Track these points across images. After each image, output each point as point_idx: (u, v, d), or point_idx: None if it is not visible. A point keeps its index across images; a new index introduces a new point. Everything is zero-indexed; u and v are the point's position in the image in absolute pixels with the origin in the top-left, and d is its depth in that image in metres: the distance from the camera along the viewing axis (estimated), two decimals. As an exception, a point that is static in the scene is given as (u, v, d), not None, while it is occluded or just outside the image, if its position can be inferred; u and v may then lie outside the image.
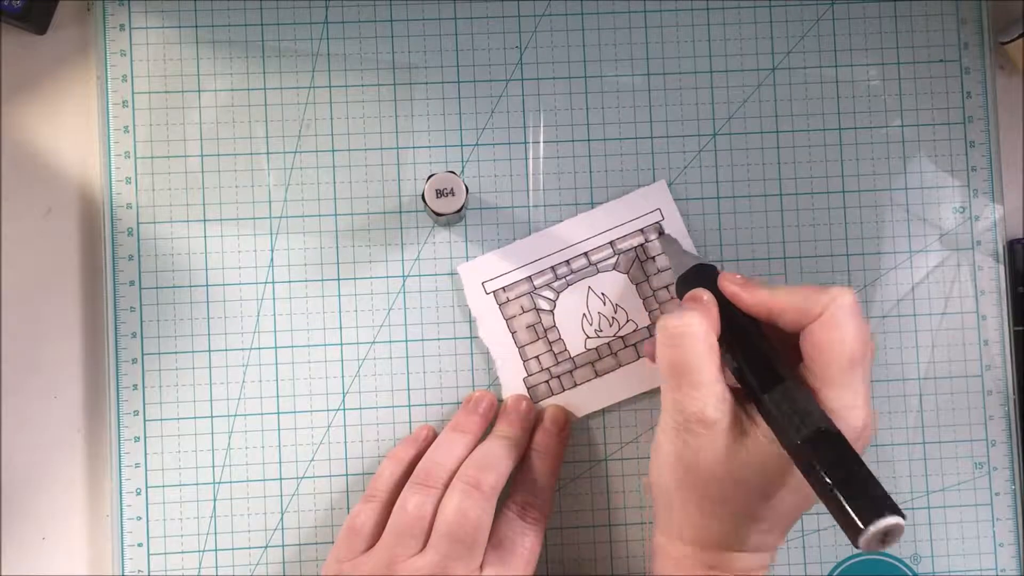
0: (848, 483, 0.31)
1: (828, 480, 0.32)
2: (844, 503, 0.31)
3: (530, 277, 0.46)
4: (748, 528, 0.37)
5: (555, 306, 0.46)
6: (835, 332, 0.36)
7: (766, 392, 0.35)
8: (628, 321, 0.46)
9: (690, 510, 0.37)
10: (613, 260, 0.46)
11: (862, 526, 0.30)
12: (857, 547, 0.30)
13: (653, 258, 0.46)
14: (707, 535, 0.37)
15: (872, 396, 0.46)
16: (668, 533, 0.39)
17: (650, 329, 0.46)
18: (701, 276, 0.41)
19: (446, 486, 0.41)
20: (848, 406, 0.36)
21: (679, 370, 0.37)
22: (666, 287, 0.46)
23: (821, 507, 0.46)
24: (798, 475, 0.34)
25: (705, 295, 0.39)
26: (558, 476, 0.45)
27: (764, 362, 0.37)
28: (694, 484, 0.37)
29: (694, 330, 0.37)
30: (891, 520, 0.30)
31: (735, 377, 0.38)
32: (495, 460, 0.41)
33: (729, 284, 0.39)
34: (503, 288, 0.46)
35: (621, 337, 0.46)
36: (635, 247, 0.46)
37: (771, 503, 0.36)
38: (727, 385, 0.37)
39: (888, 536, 0.30)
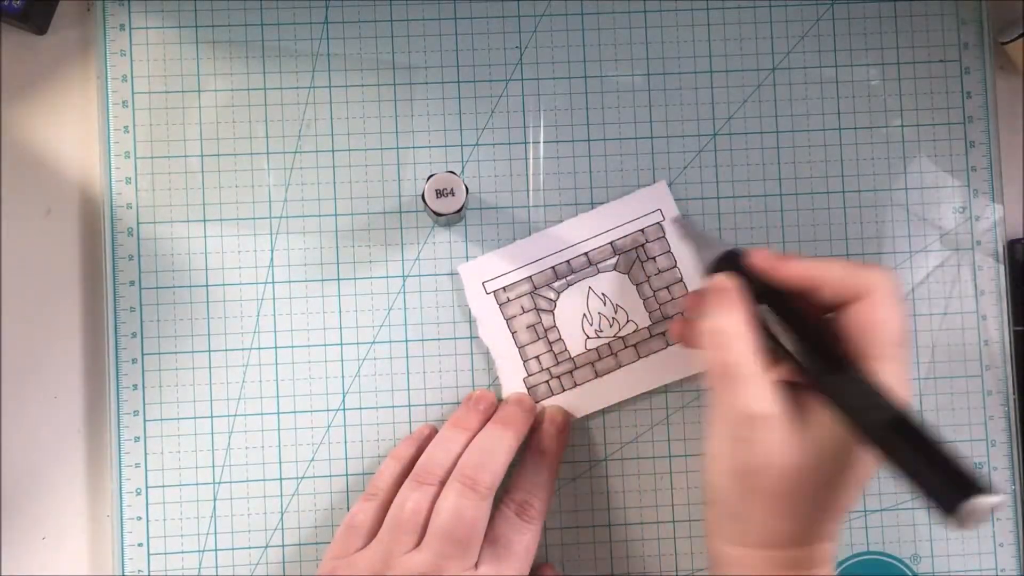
0: (935, 462, 0.31)
1: (916, 461, 0.31)
2: (936, 484, 0.31)
3: (530, 277, 0.46)
4: (819, 519, 0.36)
5: (555, 306, 0.46)
6: (886, 312, 0.35)
7: (830, 375, 0.35)
8: (628, 321, 0.46)
9: (758, 515, 0.36)
10: (613, 260, 0.46)
11: (957, 504, 0.29)
12: (954, 526, 0.30)
13: (654, 258, 0.46)
14: (780, 535, 0.36)
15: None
16: (738, 541, 0.37)
17: (651, 329, 0.46)
18: (727, 262, 0.40)
19: (443, 482, 0.41)
20: (897, 384, 0.35)
21: (723, 371, 0.36)
22: (667, 287, 0.46)
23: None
24: (862, 456, 0.34)
25: (730, 283, 0.38)
26: (557, 475, 0.45)
27: (818, 344, 0.36)
28: (759, 486, 0.35)
29: (729, 327, 0.36)
30: (991, 499, 0.29)
31: (781, 359, 0.37)
32: (492, 458, 0.41)
33: (761, 260, 0.38)
34: (503, 288, 0.46)
35: (621, 338, 0.46)
36: (636, 247, 0.46)
37: (836, 489, 0.35)
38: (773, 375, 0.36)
39: (982, 513, 0.30)
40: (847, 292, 0.36)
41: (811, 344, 0.36)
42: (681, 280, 0.46)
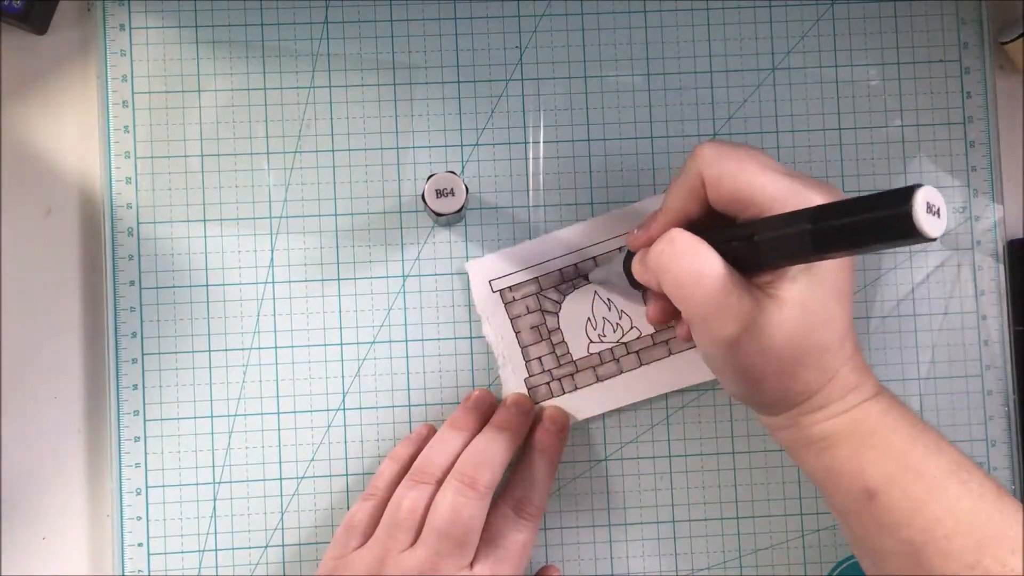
0: (870, 202, 0.30)
1: (858, 215, 0.30)
2: (883, 208, 0.29)
3: (537, 278, 0.46)
4: (826, 370, 0.36)
5: (560, 308, 0.46)
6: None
7: (755, 237, 0.34)
8: (632, 328, 0.46)
9: (773, 396, 0.37)
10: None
11: (909, 197, 0.28)
12: (923, 235, 0.28)
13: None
14: (802, 401, 0.37)
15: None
16: (772, 424, 0.39)
17: (654, 337, 0.46)
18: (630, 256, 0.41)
19: (440, 482, 0.41)
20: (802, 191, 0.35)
21: (691, 281, 0.35)
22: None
23: (818, 509, 0.46)
24: (827, 300, 0.35)
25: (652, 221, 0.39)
26: (555, 475, 0.45)
27: (735, 227, 0.36)
28: (759, 378, 0.36)
29: (681, 236, 0.36)
30: (921, 190, 0.28)
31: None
32: (490, 458, 0.41)
33: (634, 241, 0.40)
34: (510, 288, 0.46)
35: (624, 344, 0.46)
36: None
37: (825, 338, 0.36)
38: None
39: (931, 204, 0.28)
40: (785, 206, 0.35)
41: (730, 228, 0.36)
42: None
